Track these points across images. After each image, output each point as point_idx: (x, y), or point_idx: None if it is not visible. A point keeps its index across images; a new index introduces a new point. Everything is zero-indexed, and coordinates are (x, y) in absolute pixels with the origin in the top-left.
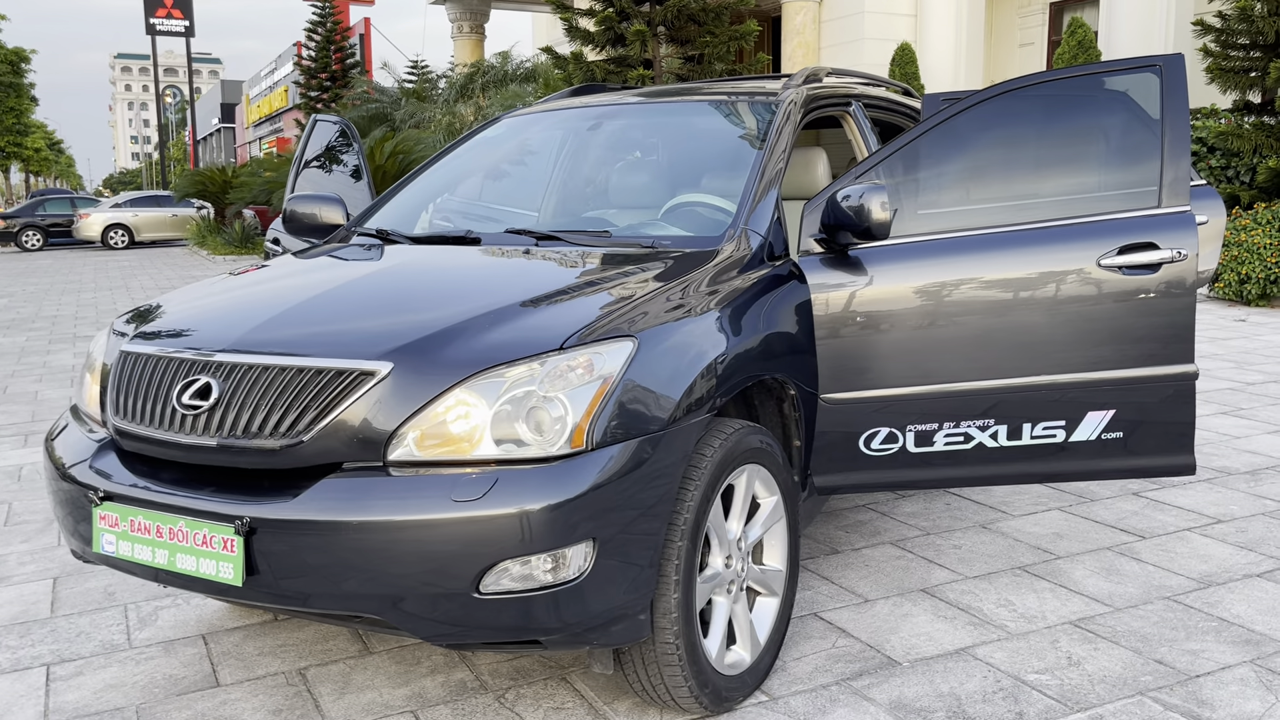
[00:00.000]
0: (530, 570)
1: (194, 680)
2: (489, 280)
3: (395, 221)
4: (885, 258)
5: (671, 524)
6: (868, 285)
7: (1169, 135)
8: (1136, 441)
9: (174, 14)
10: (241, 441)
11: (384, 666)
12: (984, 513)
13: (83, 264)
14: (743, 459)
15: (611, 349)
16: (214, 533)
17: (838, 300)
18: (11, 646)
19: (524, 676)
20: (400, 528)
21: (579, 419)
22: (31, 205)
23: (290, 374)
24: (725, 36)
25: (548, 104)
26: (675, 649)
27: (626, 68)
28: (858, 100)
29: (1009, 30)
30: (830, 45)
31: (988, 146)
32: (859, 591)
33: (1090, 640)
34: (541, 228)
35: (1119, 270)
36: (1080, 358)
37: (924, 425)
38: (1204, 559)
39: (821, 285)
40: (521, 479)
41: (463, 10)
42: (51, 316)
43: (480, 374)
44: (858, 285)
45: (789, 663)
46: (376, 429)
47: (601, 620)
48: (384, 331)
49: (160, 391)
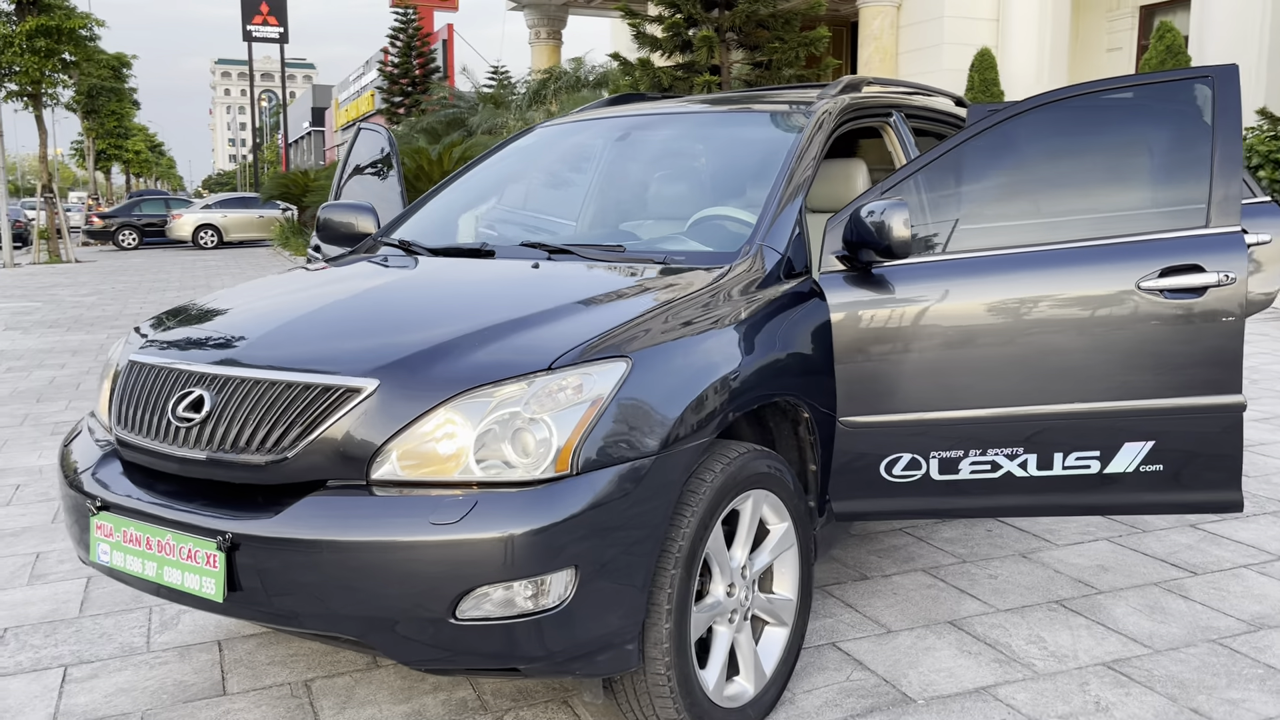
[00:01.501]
0: (509, 597)
1: (202, 688)
2: (490, 296)
3: (419, 232)
4: (909, 277)
5: (664, 551)
6: (890, 305)
7: (1220, 151)
8: (1179, 475)
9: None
10: (229, 456)
11: (388, 681)
12: (1026, 541)
13: (172, 263)
14: (747, 484)
15: (603, 370)
16: (198, 547)
17: (858, 320)
18: (36, 646)
19: (526, 698)
20: (377, 549)
21: (564, 442)
22: (128, 206)
23: (279, 389)
24: (795, 42)
25: (582, 114)
26: (667, 680)
27: (694, 74)
28: (899, 110)
29: (1096, 34)
30: (908, 50)
31: (1024, 161)
32: (882, 621)
33: (1123, 684)
34: (563, 240)
35: (1160, 294)
36: (1117, 385)
37: (948, 452)
38: (1259, 599)
39: (841, 304)
40: (502, 502)
41: (540, 16)
42: (134, 315)
43: (466, 393)
44: (879, 305)
45: (798, 695)
46: (360, 447)
47: (585, 649)
48: (374, 348)
49: (158, 402)
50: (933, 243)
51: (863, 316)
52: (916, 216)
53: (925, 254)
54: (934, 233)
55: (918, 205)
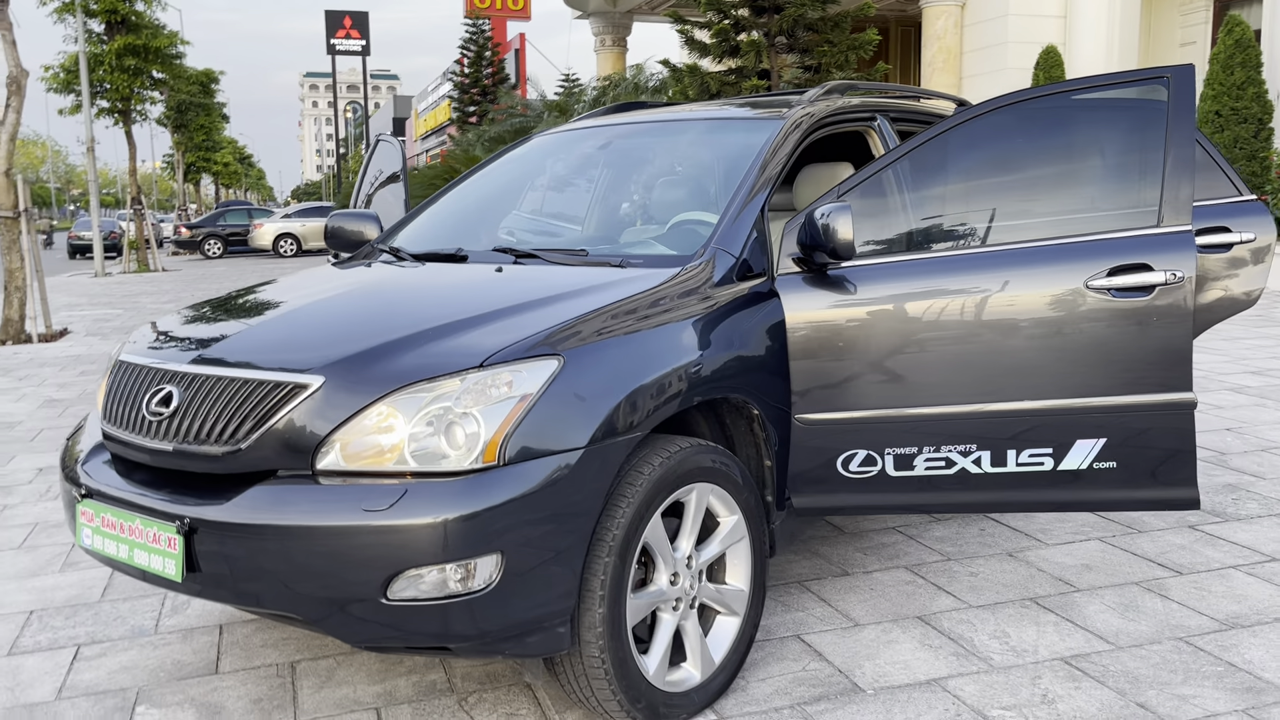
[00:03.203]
0: (437, 579)
1: (197, 667)
2: (447, 299)
3: (408, 238)
4: (864, 278)
5: (598, 539)
6: (843, 306)
7: (1173, 151)
8: (1131, 472)
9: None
10: (192, 447)
11: (368, 664)
12: (1017, 540)
13: (252, 270)
14: (690, 477)
15: (533, 367)
16: (161, 531)
17: (812, 320)
18: (56, 627)
19: (492, 681)
20: (314, 534)
21: (492, 435)
22: (213, 216)
23: (237, 385)
24: (844, 45)
25: (578, 123)
26: (601, 662)
27: (743, 79)
28: (884, 115)
29: (1169, 29)
30: (972, 50)
31: (983, 163)
32: (852, 615)
33: (1075, 679)
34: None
35: (1109, 292)
36: (1067, 383)
37: (903, 449)
38: (1239, 600)
39: (796, 305)
40: (429, 491)
41: (605, 24)
42: None
43: (403, 389)
44: (833, 305)
45: (752, 683)
46: (306, 439)
47: (514, 631)
48: (325, 347)
49: (135, 398)
50: (889, 244)
51: (817, 317)
52: (876, 218)
53: (881, 256)
54: (891, 234)
55: (880, 207)
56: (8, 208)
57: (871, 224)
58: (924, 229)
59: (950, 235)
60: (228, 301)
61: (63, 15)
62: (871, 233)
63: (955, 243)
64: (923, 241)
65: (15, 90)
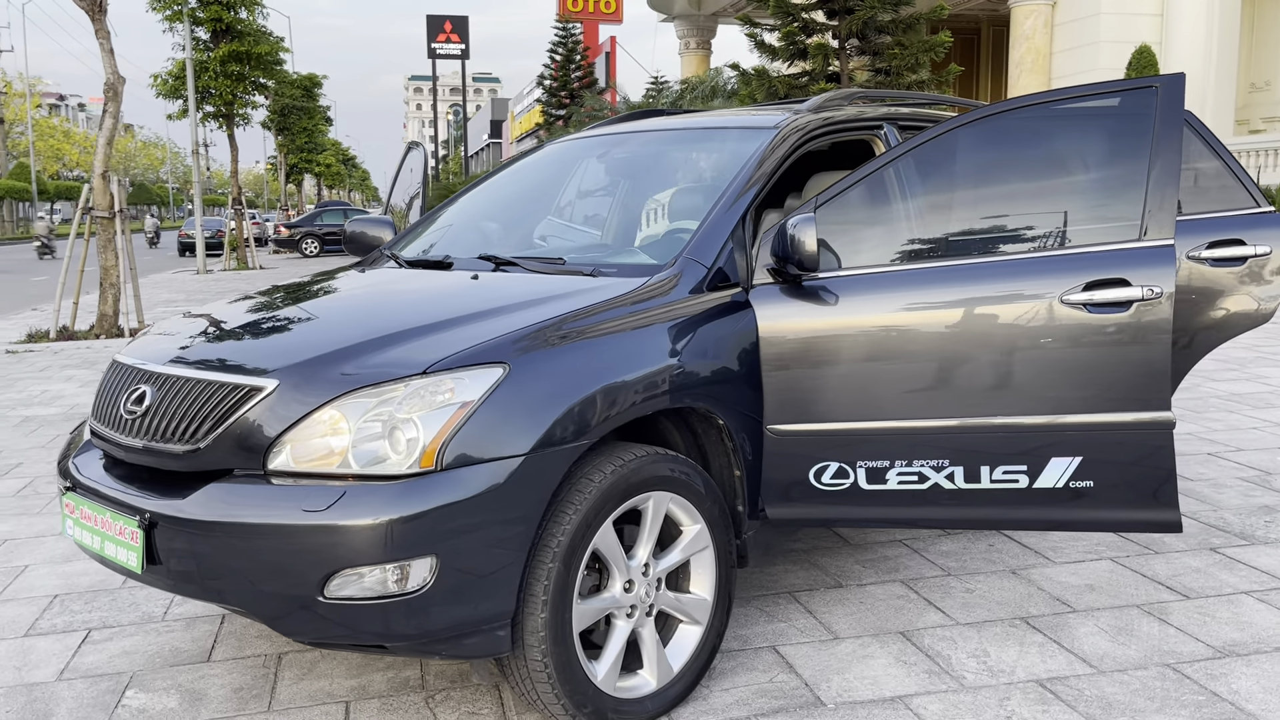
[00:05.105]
0: (375, 580)
1: (191, 654)
2: (414, 304)
3: (408, 244)
4: (837, 289)
5: (543, 545)
6: (816, 317)
7: (1158, 162)
8: (1109, 492)
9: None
10: (159, 445)
11: (348, 659)
12: (1025, 557)
13: None
14: (646, 486)
15: (476, 374)
16: (126, 524)
17: (785, 331)
18: (74, 611)
19: (462, 680)
20: (256, 531)
21: (430, 440)
22: (311, 216)
23: (200, 386)
24: (916, 48)
25: (594, 130)
26: (544, 666)
27: (811, 81)
28: (891, 123)
29: (1274, 26)
30: (1062, 50)
31: (965, 174)
32: (834, 628)
33: (1045, 701)
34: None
35: (1084, 307)
36: (1042, 399)
37: (875, 462)
38: (1241, 626)
39: (769, 315)
40: (366, 494)
41: (689, 27)
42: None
43: (350, 394)
44: (806, 316)
45: (714, 693)
46: (259, 440)
47: (450, 633)
48: (285, 351)
49: (116, 396)
50: (866, 254)
51: (790, 327)
52: (853, 228)
53: (857, 267)
54: (868, 244)
55: (858, 217)
56: (104, 209)
57: (849, 234)
58: (902, 240)
59: (928, 246)
60: (221, 305)
61: (172, 24)
62: (849, 243)
63: (933, 254)
64: (900, 252)
65: (112, 97)
